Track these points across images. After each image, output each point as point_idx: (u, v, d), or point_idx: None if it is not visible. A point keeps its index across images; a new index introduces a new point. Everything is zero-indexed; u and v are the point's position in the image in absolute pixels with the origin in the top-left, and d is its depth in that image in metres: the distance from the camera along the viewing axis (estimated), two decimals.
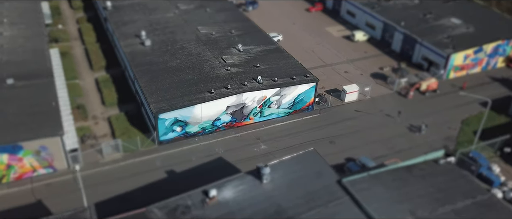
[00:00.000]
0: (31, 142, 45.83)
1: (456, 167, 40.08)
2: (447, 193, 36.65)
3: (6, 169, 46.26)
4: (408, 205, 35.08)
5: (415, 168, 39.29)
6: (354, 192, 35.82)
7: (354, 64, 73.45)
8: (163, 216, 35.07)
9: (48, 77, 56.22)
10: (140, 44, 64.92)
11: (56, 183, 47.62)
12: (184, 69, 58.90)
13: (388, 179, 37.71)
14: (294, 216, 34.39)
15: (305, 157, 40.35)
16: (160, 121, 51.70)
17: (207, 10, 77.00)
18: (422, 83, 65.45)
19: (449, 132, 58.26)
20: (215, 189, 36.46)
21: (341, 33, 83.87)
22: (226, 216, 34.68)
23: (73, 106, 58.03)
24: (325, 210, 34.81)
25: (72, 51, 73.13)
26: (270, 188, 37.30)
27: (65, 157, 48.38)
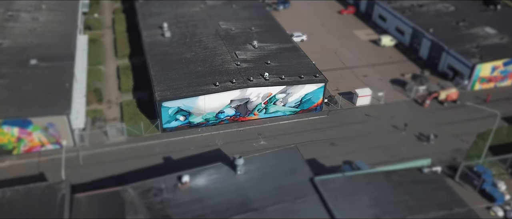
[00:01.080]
0: (40, 118, 49.17)
1: (441, 177, 38.56)
2: (422, 202, 35.39)
3: (16, 141, 49.92)
4: (376, 210, 34.27)
5: (395, 174, 38.21)
6: (323, 191, 35.50)
7: (375, 69, 71.83)
8: (136, 196, 36.60)
9: (69, 60, 59.75)
10: (160, 35, 67.37)
11: (59, 159, 50.69)
12: (196, 61, 60.47)
13: (363, 182, 36.98)
14: (258, 208, 34.70)
15: (284, 153, 40.46)
16: (163, 109, 53.55)
17: (233, 7, 78.34)
18: (441, 92, 62.92)
19: (461, 145, 55.69)
20: (188, 175, 37.52)
21: (369, 37, 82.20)
22: (193, 202, 35.63)
23: (90, 89, 61.36)
24: (290, 206, 34.81)
25: (102, 38, 77.13)
26: (242, 179, 37.80)
27: (71, 135, 51.39)
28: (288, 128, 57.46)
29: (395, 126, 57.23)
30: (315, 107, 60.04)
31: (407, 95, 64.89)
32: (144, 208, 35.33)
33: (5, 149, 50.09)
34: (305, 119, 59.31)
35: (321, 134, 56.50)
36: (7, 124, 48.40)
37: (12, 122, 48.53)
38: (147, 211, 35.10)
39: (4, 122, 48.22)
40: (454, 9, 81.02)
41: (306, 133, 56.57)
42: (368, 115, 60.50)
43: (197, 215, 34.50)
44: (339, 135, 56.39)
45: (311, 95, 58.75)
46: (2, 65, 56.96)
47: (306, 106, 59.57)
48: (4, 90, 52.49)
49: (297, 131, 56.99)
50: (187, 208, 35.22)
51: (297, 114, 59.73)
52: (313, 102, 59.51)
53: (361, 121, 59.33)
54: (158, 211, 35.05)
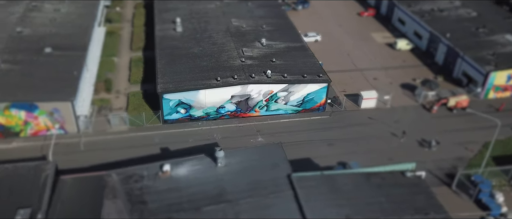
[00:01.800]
0: (45, 103, 51.53)
1: (423, 182, 37.73)
2: (398, 205, 34.83)
3: (23, 124, 52.50)
4: (348, 210, 34.04)
5: (376, 176, 37.73)
6: (298, 188, 35.59)
7: (387, 72, 70.67)
8: (118, 181, 37.88)
9: (81, 50, 62.15)
10: (172, 30, 68.90)
11: (63, 143, 52.97)
12: (202, 56, 61.52)
13: (340, 182, 36.76)
14: (233, 200, 35.20)
15: (267, 149, 40.86)
16: (164, 101, 54.87)
17: (248, 5, 79.00)
18: (450, 98, 61.26)
19: (464, 153, 54.11)
20: (169, 165, 38.48)
21: (386, 40, 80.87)
22: (171, 190, 36.54)
23: (101, 79, 63.56)
24: (264, 200, 35.12)
25: (120, 31, 79.57)
26: (222, 171, 38.40)
27: (75, 122, 53.53)
28: (288, 127, 57.55)
29: (394, 133, 55.99)
30: (317, 107, 59.81)
31: (416, 100, 63.52)
32: (123, 193, 36.52)
33: (13, 131, 52.76)
34: (306, 119, 59.20)
35: (320, 134, 56.26)
36: (15, 107, 50.99)
37: (20, 106, 51.07)
38: (126, 196, 36.27)
39: (12, 105, 50.83)
40: (476, 15, 78.48)
41: (305, 133, 56.49)
42: (371, 118, 59.70)
43: (173, 203, 35.38)
44: (339, 136, 55.97)
45: (314, 95, 58.57)
46: (19, 52, 59.94)
47: (309, 106, 59.44)
48: (16, 75, 55.30)
49: (297, 130, 56.99)
50: (164, 196, 36.17)
51: (299, 113, 59.69)
52: (316, 102, 59.30)
53: (364, 124, 58.63)
54: (136, 197, 36.16)
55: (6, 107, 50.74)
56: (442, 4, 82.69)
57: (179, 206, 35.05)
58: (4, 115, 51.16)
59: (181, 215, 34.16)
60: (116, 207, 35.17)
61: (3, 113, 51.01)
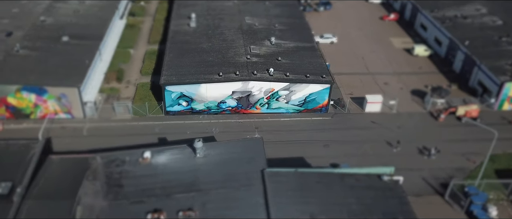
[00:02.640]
0: (54, 88, 54.32)
1: (399, 187, 37.00)
2: (367, 208, 34.42)
3: (34, 107, 55.55)
4: (313, 208, 34.00)
5: (351, 177, 37.38)
6: (268, 183, 35.89)
7: (400, 78, 69.22)
8: (101, 164, 39.57)
9: (97, 41, 64.93)
10: (186, 25, 70.59)
11: (69, 127, 55.64)
12: (210, 52, 62.72)
13: (313, 180, 36.72)
14: (203, 190, 36.02)
15: (248, 143, 41.37)
16: (167, 93, 56.45)
17: (266, 4, 79.57)
18: (459, 107, 59.31)
19: (466, 164, 52.33)
20: (150, 152, 39.79)
21: (405, 45, 79.11)
22: (148, 176, 37.81)
23: (114, 69, 66.06)
24: (233, 192, 35.69)
25: (141, 25, 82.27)
26: (200, 162, 39.28)
27: (81, 107, 56.05)
28: (287, 125, 57.70)
29: (389, 142, 54.75)
30: (320, 108, 59.56)
31: (424, 107, 61.94)
32: (103, 176, 38.14)
33: (24, 113, 55.92)
34: (307, 119, 59.10)
35: (319, 135, 56.01)
36: (26, 90, 54.06)
37: (30, 89, 54.10)
38: (105, 178, 37.86)
39: (23, 88, 53.93)
40: (502, 24, 75.31)
41: (303, 132, 56.43)
42: (374, 122, 58.80)
43: (147, 189, 36.61)
44: (337, 138, 55.50)
45: (316, 95, 58.39)
46: (38, 39, 63.42)
47: (311, 106, 59.30)
48: (32, 60, 58.58)
49: (296, 129, 57.03)
50: (140, 181, 37.47)
51: (301, 113, 59.66)
52: (318, 102, 59.08)
53: (365, 127, 57.83)
54: (114, 180, 37.66)
55: (17, 89, 53.88)
56: (467, 10, 79.98)
57: (151, 192, 36.21)
58: (16, 97, 54.34)
59: (151, 200, 35.31)
60: (94, 188, 36.78)
61: (15, 95, 54.19)
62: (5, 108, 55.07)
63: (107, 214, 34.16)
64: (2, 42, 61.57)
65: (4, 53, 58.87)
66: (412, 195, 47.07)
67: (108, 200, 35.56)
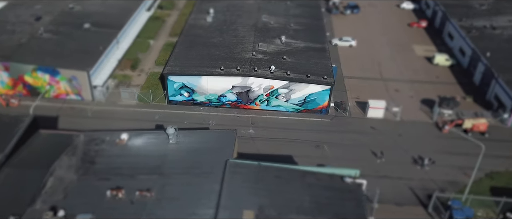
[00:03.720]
0: (66, 70, 58.02)
1: (360, 190, 36.42)
2: (318, 206, 34.28)
3: (48, 86, 59.61)
4: (264, 200, 34.36)
5: (313, 176, 37.30)
6: (227, 173, 36.68)
7: (413, 86, 67.20)
8: (83, 141, 42.11)
9: (116, 29, 68.44)
10: (203, 20, 72.55)
11: (78, 108, 59.17)
12: (218, 46, 64.19)
13: (272, 175, 37.04)
14: (166, 174, 37.48)
15: (222, 134, 42.34)
16: (169, 83, 58.54)
17: (287, 4, 79.92)
18: (466, 120, 56.80)
19: (460, 178, 50.18)
20: (127, 134, 41.79)
21: (427, 53, 76.52)
22: (119, 156, 39.85)
23: (131, 57, 69.19)
24: (193, 179, 36.84)
25: (167, 18, 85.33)
26: (171, 148, 40.79)
27: (90, 90, 59.41)
28: (284, 124, 57.94)
29: (374, 152, 53.25)
30: (320, 109, 59.26)
31: (431, 117, 59.86)
32: (81, 152, 40.61)
33: (39, 91, 60.12)
34: (305, 119, 58.99)
35: (313, 136, 55.78)
36: (41, 70, 58.16)
37: (45, 70, 58.14)
38: (82, 155, 40.27)
39: (38, 68, 58.05)
40: None
41: (299, 132, 56.40)
42: (373, 128, 57.67)
43: (115, 168, 38.60)
44: (331, 141, 55.02)
45: (316, 96, 58.18)
46: (63, 25, 67.86)
47: (311, 106, 59.15)
48: (52, 44, 62.84)
49: (293, 128, 57.13)
50: (112, 160, 39.56)
51: (300, 112, 59.66)
52: (318, 103, 58.81)
53: (363, 132, 56.86)
54: (89, 157, 40.00)
55: (33, 69, 58.09)
56: (499, 21, 76.07)
57: (119, 171, 38.12)
58: (32, 76, 58.60)
59: (117, 178, 37.20)
60: (69, 162, 39.27)
61: (31, 74, 58.45)
62: (23, 85, 59.51)
63: (73, 186, 36.39)
64: (30, 26, 66.45)
65: (28, 36, 63.56)
66: (393, 204, 46.35)
67: (78, 174, 37.85)
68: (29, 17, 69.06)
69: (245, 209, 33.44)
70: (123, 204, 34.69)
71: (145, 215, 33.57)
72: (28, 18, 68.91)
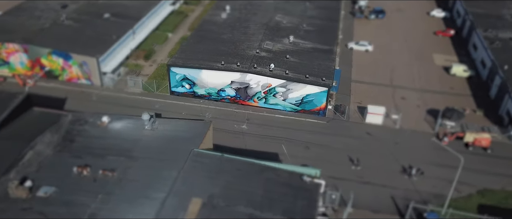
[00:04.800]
0: (77, 55, 61.49)
1: (316, 190, 36.18)
2: (269, 202, 34.44)
3: (61, 70, 63.43)
4: (217, 190, 35.02)
5: (272, 171, 37.48)
6: (189, 162, 37.74)
7: (423, 95, 65.03)
8: (69, 121, 44.71)
9: (134, 20, 71.49)
10: (218, 16, 74.03)
11: (86, 92, 62.49)
12: (226, 42, 65.35)
13: (232, 167, 37.63)
14: (133, 157, 39.16)
15: (196, 124, 43.47)
16: (171, 74, 60.47)
17: (306, 4, 79.71)
18: (467, 133, 54.34)
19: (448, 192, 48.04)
20: (107, 117, 43.93)
21: (446, 63, 73.55)
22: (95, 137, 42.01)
23: (145, 48, 71.89)
24: (155, 164, 38.26)
25: (191, 13, 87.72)
26: (145, 133, 42.43)
27: (99, 76, 62.56)
28: (279, 122, 58.10)
29: (352, 158, 51.94)
30: (317, 110, 58.87)
31: (433, 128, 57.78)
32: (64, 130, 43.15)
33: (54, 74, 64.08)
34: (302, 119, 58.82)
35: (305, 136, 55.57)
36: (55, 54, 61.99)
37: (59, 54, 61.93)
38: (64, 133, 42.80)
39: (53, 52, 61.91)
40: None
41: (292, 131, 56.39)
42: (369, 134, 56.55)
43: (89, 147, 40.78)
44: (322, 143, 54.58)
45: (313, 97, 57.88)
46: (85, 14, 71.86)
47: (308, 107, 58.91)
48: (71, 30, 66.78)
49: (286, 127, 57.18)
50: (88, 140, 41.78)
51: (298, 112, 59.56)
52: (316, 105, 58.46)
53: (357, 137, 55.91)
54: (70, 136, 42.46)
55: (49, 52, 62.03)
56: None
57: (91, 150, 40.19)
58: (47, 59, 62.60)
59: (88, 156, 39.24)
60: (50, 138, 41.88)
61: (47, 57, 62.44)
62: (39, 67, 63.66)
63: (48, 161, 38.85)
64: (55, 13, 70.91)
65: (51, 22, 67.91)
66: (369, 210, 45.45)
67: (55, 150, 40.32)
68: (56, 5, 73.61)
69: (194, 197, 34.31)
70: (86, 181, 36.64)
71: (103, 193, 35.28)
72: (56, 6, 73.45)
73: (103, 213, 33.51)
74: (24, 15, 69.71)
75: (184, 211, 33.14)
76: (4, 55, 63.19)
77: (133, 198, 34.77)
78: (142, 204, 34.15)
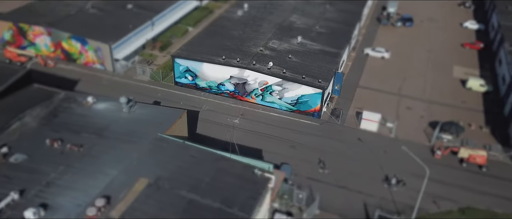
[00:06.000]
0: (92, 41, 65.55)
1: (264, 184, 36.47)
2: (211, 189, 35.18)
3: (79, 54, 67.86)
4: (163, 173, 36.54)
5: (226, 162, 38.28)
6: (149, 145, 39.53)
7: (430, 107, 62.60)
8: (61, 99, 48.10)
9: (153, 13, 74.80)
10: (235, 13, 75.56)
11: (98, 76, 66.40)
12: (234, 39, 66.69)
13: (187, 153, 38.89)
14: (104, 136, 41.54)
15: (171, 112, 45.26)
16: (175, 65, 62.80)
17: (327, 7, 79.18)
18: (462, 149, 51.83)
19: (427, 205, 46.38)
20: (92, 98, 46.77)
21: (465, 76, 70.13)
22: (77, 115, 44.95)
23: (163, 39, 74.94)
24: (120, 144, 40.42)
25: (217, 10, 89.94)
26: (122, 115, 44.81)
27: (111, 62, 66.25)
28: (272, 120, 58.52)
29: (321, 160, 51.03)
30: (312, 112, 58.64)
31: (429, 140, 55.65)
32: (53, 106, 46.51)
33: (73, 57, 68.67)
34: (295, 120, 58.82)
35: (294, 136, 55.62)
36: (74, 38, 66.48)
37: (77, 38, 66.34)
38: (53, 109, 46.13)
39: (72, 37, 66.43)
40: None
41: (282, 130, 56.64)
42: (360, 140, 55.52)
43: (69, 123, 43.68)
44: (309, 144, 54.34)
45: (308, 98, 57.75)
46: (109, 4, 76.10)
47: (303, 108, 58.84)
48: (94, 18, 71.21)
49: (278, 125, 57.49)
50: (70, 117, 44.76)
51: (292, 112, 59.65)
52: (311, 106, 58.27)
53: (347, 142, 55.07)
54: (55, 111, 45.70)
55: (68, 37, 66.62)
56: None
57: (68, 126, 43.05)
58: (67, 42, 67.24)
59: (64, 132, 42.03)
60: (39, 112, 45.32)
61: (67, 41, 67.08)
62: (61, 50, 68.50)
63: (29, 132, 42.21)
64: (83, 1, 75.74)
65: (77, 9, 72.78)
66: (337, 214, 44.88)
67: (39, 124, 43.64)
68: None
69: (142, 177, 35.95)
70: (54, 152, 39.44)
71: (65, 165, 37.88)
72: None
73: (58, 182, 36.01)
74: (55, 1, 75.09)
75: (128, 188, 34.85)
76: (31, 37, 68.66)
77: (89, 172, 37.01)
78: (95, 178, 36.30)
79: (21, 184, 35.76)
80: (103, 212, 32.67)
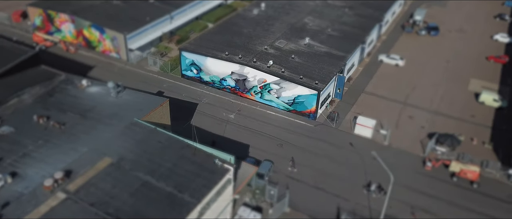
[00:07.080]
0: (109, 30, 69.11)
1: (222, 174, 37.27)
2: (171, 174, 36.58)
3: (98, 42, 71.76)
4: (128, 155, 38.29)
5: (190, 149, 39.53)
6: (122, 128, 41.54)
7: (433, 117, 60.53)
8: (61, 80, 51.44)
9: (173, 7, 77.54)
10: (251, 12, 76.67)
11: (112, 64, 69.92)
12: (242, 36, 67.80)
13: (155, 139, 40.65)
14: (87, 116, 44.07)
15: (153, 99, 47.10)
16: (182, 58, 64.90)
17: (345, 11, 78.39)
18: (453, 162, 49.85)
19: (402, 214, 45.17)
20: (86, 80, 49.65)
21: (481, 89, 67.03)
22: (70, 96, 47.87)
23: (181, 33, 77.45)
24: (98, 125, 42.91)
25: (240, 8, 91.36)
26: (109, 99, 47.19)
27: (125, 51, 69.53)
28: (267, 118, 59.05)
29: (293, 159, 50.29)
30: (308, 113, 58.57)
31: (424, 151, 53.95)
32: (51, 86, 49.88)
33: (92, 45, 72.72)
34: (290, 119, 59.00)
35: (285, 135, 55.89)
36: (94, 27, 70.42)
37: (96, 27, 70.22)
38: (50, 89, 49.47)
39: (92, 25, 70.39)
40: None
41: (275, 129, 57.02)
42: (351, 145, 54.82)
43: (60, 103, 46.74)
44: (298, 144, 54.39)
45: (304, 99, 57.77)
46: None
47: (299, 108, 58.91)
48: (117, 9, 75.10)
49: (272, 124, 57.94)
50: (63, 97, 47.82)
51: (289, 112, 59.86)
52: (307, 107, 58.24)
53: (337, 146, 54.57)
54: (52, 91, 48.97)
55: (89, 25, 70.67)
56: None
57: (59, 105, 46.01)
58: (88, 30, 71.34)
59: (53, 110, 45.05)
60: (37, 91, 48.78)
61: (88, 29, 71.17)
62: (82, 37, 72.76)
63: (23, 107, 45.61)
64: None
65: (103, 1, 76.88)
66: (306, 214, 44.82)
67: (34, 101, 47.02)
68: None
69: (107, 156, 37.95)
70: (38, 128, 42.38)
71: (43, 139, 40.68)
72: None
73: (33, 154, 38.79)
74: None
75: (91, 165, 36.96)
76: (58, 23, 73.47)
77: (63, 148, 39.53)
78: (66, 153, 38.75)
79: (1, 153, 38.81)
80: (60, 184, 34.88)
